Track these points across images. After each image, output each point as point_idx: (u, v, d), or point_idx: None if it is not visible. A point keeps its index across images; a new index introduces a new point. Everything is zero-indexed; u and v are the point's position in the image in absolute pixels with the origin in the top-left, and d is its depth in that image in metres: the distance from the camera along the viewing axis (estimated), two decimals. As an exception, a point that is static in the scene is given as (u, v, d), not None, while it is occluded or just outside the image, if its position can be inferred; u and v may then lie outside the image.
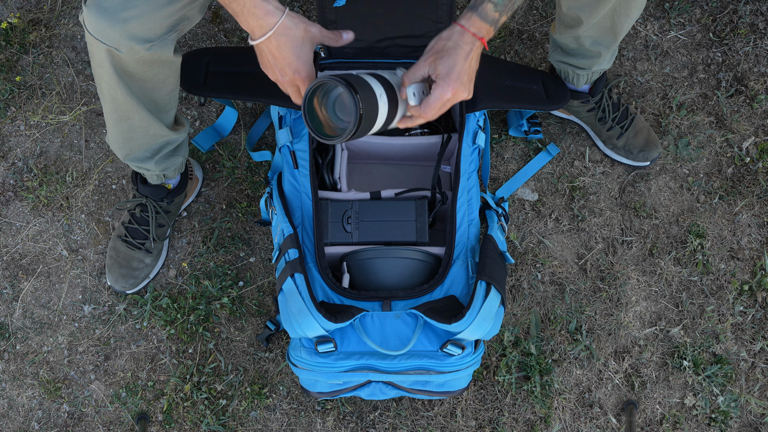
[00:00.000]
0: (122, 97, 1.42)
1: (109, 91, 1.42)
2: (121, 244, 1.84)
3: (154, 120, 1.50)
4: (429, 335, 1.47)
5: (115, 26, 1.25)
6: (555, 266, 1.89)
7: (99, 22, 1.26)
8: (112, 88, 1.40)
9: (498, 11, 1.25)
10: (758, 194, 1.93)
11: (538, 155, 1.95)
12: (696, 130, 1.97)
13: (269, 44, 1.25)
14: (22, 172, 1.94)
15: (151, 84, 1.42)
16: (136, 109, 1.45)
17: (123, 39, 1.27)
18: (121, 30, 1.26)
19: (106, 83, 1.40)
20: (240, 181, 1.94)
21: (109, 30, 1.26)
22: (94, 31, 1.28)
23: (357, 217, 1.59)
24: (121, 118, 1.49)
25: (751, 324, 1.87)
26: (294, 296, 1.42)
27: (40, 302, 1.88)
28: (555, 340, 1.85)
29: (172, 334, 1.85)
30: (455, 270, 1.54)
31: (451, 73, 1.23)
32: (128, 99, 1.42)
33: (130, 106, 1.44)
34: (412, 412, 1.81)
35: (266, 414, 1.82)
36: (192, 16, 1.34)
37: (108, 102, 1.46)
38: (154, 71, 1.39)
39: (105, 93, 1.43)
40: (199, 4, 1.34)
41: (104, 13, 1.25)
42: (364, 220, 1.59)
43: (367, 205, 1.60)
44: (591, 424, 1.82)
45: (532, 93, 1.74)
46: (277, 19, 1.22)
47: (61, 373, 1.84)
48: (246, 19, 1.23)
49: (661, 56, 2.02)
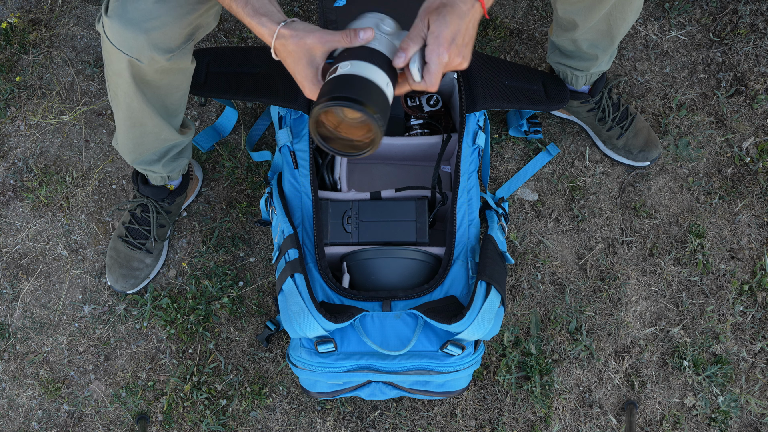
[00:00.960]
0: (138, 105, 1.42)
1: (125, 100, 1.42)
2: (122, 244, 1.84)
3: (166, 125, 1.51)
4: (429, 335, 1.47)
5: (139, 37, 1.25)
6: (555, 266, 1.89)
7: (122, 33, 1.25)
8: (128, 97, 1.40)
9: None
10: (758, 194, 1.94)
11: (538, 155, 1.95)
12: (696, 130, 1.97)
13: (281, 61, 1.21)
14: (22, 172, 1.94)
15: (165, 90, 1.43)
16: (150, 115, 1.45)
17: (145, 50, 1.27)
18: (144, 41, 1.25)
19: (123, 92, 1.40)
20: (240, 181, 1.94)
21: (132, 40, 1.26)
22: (117, 41, 1.27)
23: (357, 217, 1.59)
24: (135, 125, 1.49)
25: (751, 324, 1.87)
26: (294, 296, 1.42)
27: (40, 302, 1.88)
28: (555, 340, 1.85)
29: (172, 334, 1.85)
30: (455, 270, 1.54)
31: (444, 32, 1.12)
32: (143, 106, 1.42)
33: (144, 113, 1.45)
34: (412, 412, 1.81)
35: (266, 414, 1.82)
36: (207, 23, 1.34)
37: (123, 109, 1.46)
38: (170, 78, 1.40)
39: (120, 101, 1.43)
40: (214, 11, 1.34)
41: (127, 24, 1.24)
42: (364, 220, 1.59)
43: (367, 205, 1.60)
44: (591, 424, 1.82)
45: (532, 93, 1.74)
46: (270, 42, 1.18)
47: (61, 373, 1.84)
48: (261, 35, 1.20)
49: (661, 56, 2.02)
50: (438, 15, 1.13)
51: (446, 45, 1.12)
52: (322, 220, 1.58)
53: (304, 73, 1.18)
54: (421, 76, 1.16)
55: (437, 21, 1.12)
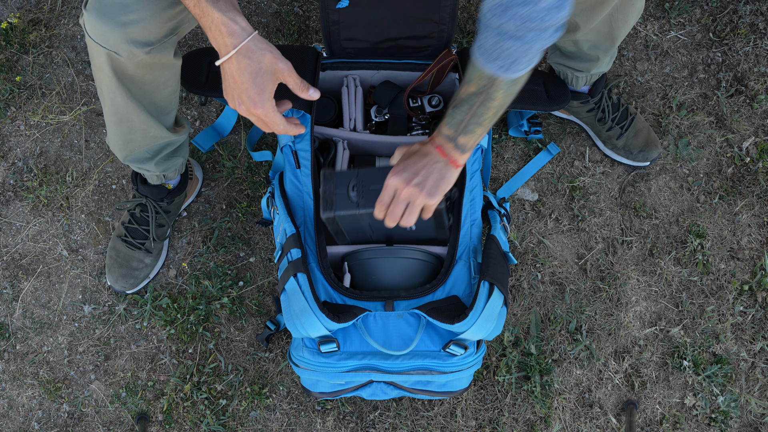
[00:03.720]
0: (122, 100, 1.41)
1: (108, 94, 1.41)
2: (121, 244, 1.84)
3: (154, 122, 1.50)
4: (431, 335, 1.47)
5: (115, 30, 1.24)
6: (555, 266, 1.90)
7: (99, 26, 1.25)
8: (111, 91, 1.40)
9: (452, 129, 1.28)
10: (758, 194, 1.94)
11: (538, 155, 1.95)
12: (696, 130, 1.98)
13: (231, 65, 1.21)
14: (22, 172, 1.94)
15: (151, 87, 1.42)
16: (135, 111, 1.45)
17: (122, 43, 1.26)
18: (121, 34, 1.25)
19: (105, 86, 1.40)
20: (240, 181, 1.94)
21: (108, 34, 1.25)
22: (94, 34, 1.27)
23: (362, 185, 1.47)
24: (121, 121, 1.48)
25: (751, 324, 1.87)
26: (297, 296, 1.42)
27: (40, 302, 1.87)
28: (555, 340, 1.85)
29: (172, 334, 1.85)
30: (458, 270, 1.54)
31: (400, 164, 1.31)
32: (128, 102, 1.42)
33: (129, 109, 1.44)
34: (412, 412, 1.81)
35: (266, 414, 1.82)
36: (192, 18, 1.33)
37: (108, 104, 1.45)
38: (154, 74, 1.39)
39: (105, 95, 1.43)
40: None
41: (104, 17, 1.24)
42: (371, 188, 1.46)
43: (371, 173, 1.48)
44: (591, 424, 1.82)
45: (533, 93, 1.74)
46: (241, 40, 1.18)
47: (61, 373, 1.84)
48: (214, 37, 1.19)
49: (661, 56, 2.02)
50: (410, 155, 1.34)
51: (396, 171, 1.32)
52: (326, 191, 1.48)
53: (264, 88, 1.23)
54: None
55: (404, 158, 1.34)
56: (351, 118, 1.71)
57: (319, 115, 1.72)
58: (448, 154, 1.30)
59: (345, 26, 1.63)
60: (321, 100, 1.73)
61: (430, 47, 1.68)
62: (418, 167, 1.30)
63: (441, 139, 1.30)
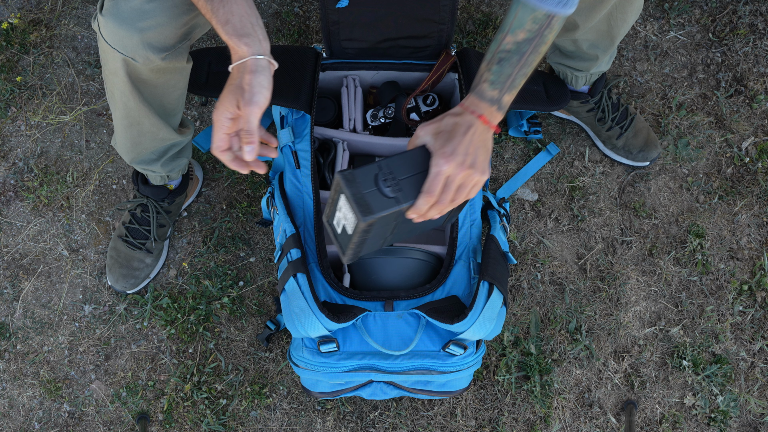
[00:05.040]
0: (135, 104, 1.42)
1: (121, 98, 1.42)
2: (122, 244, 1.84)
3: (163, 124, 1.50)
4: (431, 335, 1.47)
5: (133, 36, 1.25)
6: (555, 266, 1.90)
7: (117, 32, 1.25)
8: (125, 96, 1.40)
9: (497, 89, 1.20)
10: (758, 194, 1.94)
11: (538, 155, 1.95)
12: (695, 130, 1.98)
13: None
14: (23, 172, 1.94)
15: (162, 90, 1.42)
16: (147, 115, 1.45)
17: (140, 49, 1.26)
18: (139, 40, 1.25)
19: (119, 90, 1.40)
20: (240, 181, 1.94)
21: (126, 39, 1.25)
22: (111, 40, 1.27)
23: (392, 177, 1.22)
24: (132, 124, 1.49)
25: (751, 324, 1.88)
26: (297, 296, 1.42)
27: (41, 302, 1.88)
28: (555, 340, 1.86)
29: (173, 333, 1.85)
30: (457, 270, 1.54)
31: (445, 146, 1.16)
32: (140, 106, 1.42)
33: (141, 113, 1.44)
34: (412, 411, 1.82)
35: (266, 414, 1.82)
36: (204, 23, 1.34)
37: (119, 108, 1.46)
38: (167, 78, 1.39)
39: (117, 99, 1.43)
40: None
41: (122, 23, 1.24)
42: (401, 178, 1.22)
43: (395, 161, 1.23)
44: (591, 423, 1.82)
45: (533, 93, 1.75)
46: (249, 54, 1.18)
47: (62, 373, 1.84)
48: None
49: (661, 56, 2.02)
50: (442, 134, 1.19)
51: (447, 158, 1.18)
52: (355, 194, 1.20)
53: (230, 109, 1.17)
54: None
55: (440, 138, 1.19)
56: (351, 119, 1.71)
57: (319, 115, 1.73)
58: (490, 120, 1.20)
59: (345, 26, 1.63)
60: (321, 100, 1.73)
61: (430, 47, 1.68)
62: (465, 145, 1.17)
63: (483, 105, 1.20)
